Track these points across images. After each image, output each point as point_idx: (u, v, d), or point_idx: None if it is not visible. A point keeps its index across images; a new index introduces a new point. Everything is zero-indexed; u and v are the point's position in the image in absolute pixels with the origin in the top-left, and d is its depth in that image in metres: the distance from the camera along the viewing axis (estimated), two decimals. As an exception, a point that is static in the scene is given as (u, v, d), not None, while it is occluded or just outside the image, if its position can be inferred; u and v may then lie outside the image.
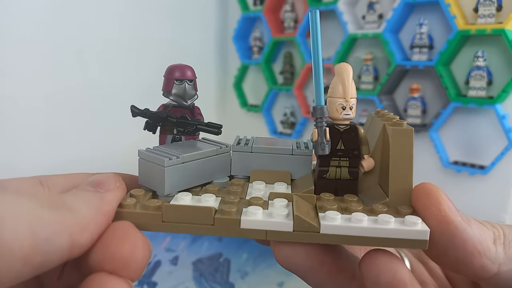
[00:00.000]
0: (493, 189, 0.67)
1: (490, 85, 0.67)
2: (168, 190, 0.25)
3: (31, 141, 0.73)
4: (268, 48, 0.95)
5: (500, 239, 0.23)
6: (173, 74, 0.30)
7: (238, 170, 0.29)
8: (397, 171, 0.24)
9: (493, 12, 0.64)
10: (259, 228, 0.23)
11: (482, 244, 0.22)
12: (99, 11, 0.79)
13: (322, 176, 0.27)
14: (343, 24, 0.81)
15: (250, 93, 1.07)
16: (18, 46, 0.69)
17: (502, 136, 0.66)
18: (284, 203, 0.24)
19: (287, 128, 0.97)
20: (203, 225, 0.23)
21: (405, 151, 0.24)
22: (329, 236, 0.22)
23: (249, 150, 0.29)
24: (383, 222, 0.22)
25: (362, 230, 0.22)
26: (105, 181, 0.23)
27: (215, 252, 0.73)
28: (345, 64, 0.26)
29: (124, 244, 0.21)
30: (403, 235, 0.22)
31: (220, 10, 1.05)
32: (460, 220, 0.22)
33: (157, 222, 0.23)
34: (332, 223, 0.22)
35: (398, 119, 0.26)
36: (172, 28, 0.93)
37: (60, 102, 0.76)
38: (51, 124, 0.75)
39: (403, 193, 0.24)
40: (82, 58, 0.78)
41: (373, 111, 0.31)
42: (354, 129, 0.26)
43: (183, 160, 0.26)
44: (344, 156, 0.26)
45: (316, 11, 0.24)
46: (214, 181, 0.28)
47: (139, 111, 0.30)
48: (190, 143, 0.29)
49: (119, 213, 0.23)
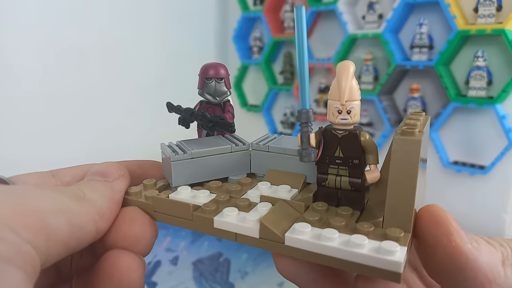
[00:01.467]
0: (493, 189, 0.67)
1: (490, 85, 0.67)
2: (176, 183, 0.27)
3: (32, 142, 0.73)
4: (268, 48, 0.95)
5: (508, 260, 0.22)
6: (204, 72, 0.32)
7: (258, 169, 0.30)
8: (396, 187, 0.20)
9: (493, 12, 0.64)
10: (229, 230, 0.23)
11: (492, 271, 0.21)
12: (99, 11, 0.79)
13: (321, 184, 0.25)
14: (343, 24, 0.81)
15: (250, 93, 1.07)
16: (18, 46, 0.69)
17: (502, 136, 0.66)
18: (266, 207, 0.24)
19: (287, 128, 0.97)
20: (183, 219, 0.25)
21: (409, 165, 0.20)
22: (294, 250, 0.21)
23: (266, 149, 0.29)
24: (354, 245, 0.19)
25: (329, 250, 0.20)
26: (111, 171, 0.25)
27: (215, 252, 0.73)
28: (345, 63, 0.23)
29: (134, 225, 0.24)
30: (373, 262, 0.19)
31: (220, 10, 1.05)
32: (471, 249, 0.21)
33: (150, 211, 0.26)
34: (297, 236, 0.21)
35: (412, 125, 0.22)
36: (172, 28, 0.93)
37: (60, 102, 0.76)
38: (51, 124, 0.75)
39: (402, 213, 0.21)
40: (82, 58, 0.78)
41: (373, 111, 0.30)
42: (353, 136, 0.23)
43: (191, 156, 0.27)
44: (342, 164, 0.24)
45: (302, 7, 0.22)
46: (230, 177, 0.29)
47: (173, 107, 0.32)
48: (212, 139, 0.31)
49: (125, 199, 0.26)
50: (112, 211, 0.24)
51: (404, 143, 0.20)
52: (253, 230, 0.22)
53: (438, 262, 0.21)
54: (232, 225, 0.23)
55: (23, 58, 0.70)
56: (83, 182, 0.24)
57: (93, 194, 0.23)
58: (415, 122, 0.23)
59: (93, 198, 0.23)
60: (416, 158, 0.20)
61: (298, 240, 0.21)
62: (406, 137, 0.21)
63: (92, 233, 0.22)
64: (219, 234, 0.23)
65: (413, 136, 0.21)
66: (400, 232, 0.20)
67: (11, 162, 0.70)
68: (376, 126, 0.82)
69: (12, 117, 0.70)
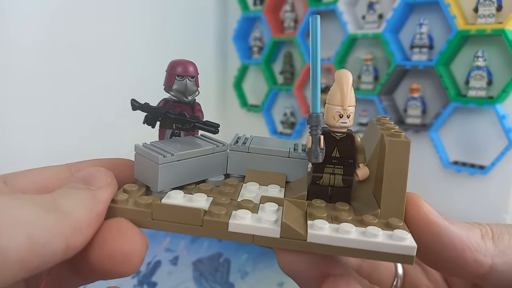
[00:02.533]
0: (493, 189, 0.67)
1: (490, 85, 0.67)
2: (161, 187, 0.25)
3: (32, 142, 0.73)
4: (268, 48, 0.95)
5: (488, 235, 0.23)
6: (175, 69, 0.30)
7: (234, 169, 0.29)
8: (391, 183, 0.23)
9: (493, 12, 0.64)
10: (246, 232, 0.23)
11: (470, 239, 0.22)
12: (98, 11, 0.79)
13: (316, 182, 0.26)
14: (343, 24, 0.81)
15: (250, 93, 1.07)
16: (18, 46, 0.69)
17: (502, 136, 0.66)
18: (274, 208, 0.24)
19: (287, 128, 0.97)
20: (191, 225, 0.23)
21: (401, 163, 0.23)
22: (315, 245, 0.22)
23: (246, 150, 0.29)
24: (371, 235, 0.22)
25: (349, 242, 0.22)
26: (97, 177, 0.22)
27: (215, 252, 0.73)
28: (345, 71, 0.25)
29: (121, 240, 0.21)
30: (390, 249, 0.21)
31: (220, 10, 1.05)
32: (443, 219, 0.23)
33: (146, 219, 0.23)
34: (319, 232, 0.22)
35: (397, 130, 0.25)
36: (172, 28, 0.93)
37: (60, 102, 0.76)
38: (52, 124, 0.75)
39: (396, 205, 0.23)
40: (82, 58, 0.78)
41: (373, 111, 0.31)
42: (350, 138, 0.26)
43: (178, 158, 0.26)
44: (338, 164, 0.26)
45: (317, 17, 0.24)
46: (209, 179, 0.28)
47: (139, 105, 0.30)
48: (188, 139, 0.29)
49: (111, 208, 0.23)
50: (90, 224, 0.20)
51: (397, 144, 0.24)
52: (274, 231, 0.22)
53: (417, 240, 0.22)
54: (249, 227, 0.23)
55: (23, 58, 0.70)
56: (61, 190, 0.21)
57: (69, 204, 0.20)
58: (393, 125, 0.26)
59: (68, 209, 0.20)
60: (407, 156, 0.23)
61: (320, 236, 0.22)
62: (398, 139, 0.24)
63: (60, 251, 0.19)
64: (233, 238, 0.23)
65: (403, 138, 0.24)
66: (400, 221, 0.23)
67: (11, 160, 0.70)
68: (376, 126, 0.82)
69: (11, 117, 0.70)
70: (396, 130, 0.25)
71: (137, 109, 0.30)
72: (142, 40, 0.87)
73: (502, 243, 0.23)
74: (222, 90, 1.09)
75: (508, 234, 0.23)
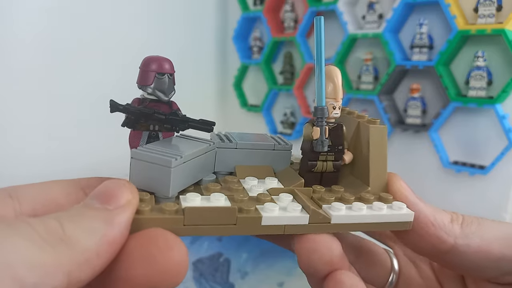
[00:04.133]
0: (493, 189, 0.67)
1: (490, 85, 0.67)
2: (172, 192, 0.24)
3: (31, 142, 0.73)
4: (268, 48, 0.95)
5: (458, 220, 0.25)
6: (156, 66, 0.28)
7: (222, 166, 0.30)
8: (376, 163, 0.27)
9: (493, 12, 0.64)
10: (278, 224, 0.24)
11: (436, 218, 0.25)
12: (98, 11, 0.79)
13: (311, 170, 0.29)
14: (343, 24, 0.81)
15: (250, 93, 1.07)
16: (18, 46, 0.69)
17: (502, 136, 0.66)
18: (290, 197, 0.26)
19: (287, 128, 0.97)
20: (226, 225, 0.23)
21: (382, 146, 0.27)
22: (338, 226, 0.25)
23: (234, 146, 0.29)
24: (378, 209, 0.26)
25: (363, 218, 0.25)
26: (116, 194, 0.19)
27: (215, 252, 0.73)
28: (334, 67, 0.29)
29: (172, 252, 0.19)
30: (393, 218, 0.26)
31: (220, 10, 1.05)
32: (414, 197, 0.26)
33: (178, 226, 0.22)
34: (339, 213, 0.25)
35: (371, 118, 0.29)
36: (172, 28, 0.93)
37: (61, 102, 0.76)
38: (52, 124, 0.75)
39: (381, 182, 0.28)
40: (81, 58, 0.78)
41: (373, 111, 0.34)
42: (340, 127, 0.29)
43: (184, 160, 0.25)
44: (330, 151, 0.29)
45: (321, 18, 0.26)
46: (203, 179, 0.28)
47: (122, 106, 0.28)
48: (175, 140, 0.28)
49: (136, 220, 0.20)
50: (100, 255, 0.17)
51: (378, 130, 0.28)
52: (303, 218, 0.24)
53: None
54: (280, 219, 0.24)
55: (23, 58, 0.70)
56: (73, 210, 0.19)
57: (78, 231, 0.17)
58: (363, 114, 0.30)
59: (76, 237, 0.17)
60: (385, 140, 0.28)
61: (341, 216, 0.25)
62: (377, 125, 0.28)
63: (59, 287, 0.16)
64: (266, 231, 0.24)
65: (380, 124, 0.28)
66: (389, 195, 0.27)
67: (10, 161, 0.70)
68: (376, 126, 0.82)
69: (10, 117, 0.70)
70: (371, 118, 0.29)
71: (118, 110, 0.28)
72: (142, 40, 0.87)
73: (468, 228, 0.25)
74: (222, 90, 1.09)
75: (478, 223, 0.25)
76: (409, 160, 0.77)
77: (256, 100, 1.06)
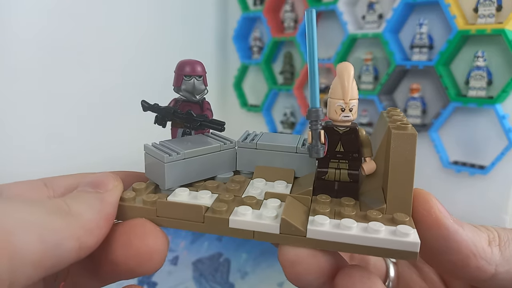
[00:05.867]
0: (493, 189, 0.67)
1: (490, 85, 0.67)
2: (168, 185, 0.26)
3: (31, 141, 0.73)
4: (268, 48, 0.95)
5: (495, 241, 0.23)
6: (182, 69, 0.30)
7: (243, 166, 0.30)
8: (396, 177, 0.23)
9: (493, 12, 0.64)
10: (247, 229, 0.23)
11: (476, 245, 0.22)
12: (98, 11, 0.79)
13: (321, 178, 0.26)
14: (343, 24, 0.81)
15: (250, 93, 1.07)
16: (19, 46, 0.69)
17: (502, 136, 0.66)
18: (276, 203, 0.24)
19: (287, 128, 0.97)
20: (194, 222, 0.24)
21: (407, 156, 0.23)
22: (315, 241, 0.22)
23: (254, 146, 0.29)
24: (373, 231, 0.21)
25: (351, 238, 0.21)
26: (104, 181, 0.23)
27: (215, 252, 0.73)
28: (346, 64, 0.25)
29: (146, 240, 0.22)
30: (392, 245, 0.21)
31: (220, 10, 1.05)
32: (452, 223, 0.22)
33: (152, 216, 0.24)
34: (319, 228, 0.22)
35: (404, 122, 0.24)
36: (172, 28, 0.93)
37: (61, 102, 0.76)
38: (52, 124, 0.75)
39: (402, 200, 0.23)
40: (81, 58, 0.78)
41: (373, 111, 0.31)
42: (354, 131, 0.25)
43: (184, 156, 0.26)
44: (343, 158, 0.26)
45: (312, 10, 0.23)
46: (218, 176, 0.29)
47: (149, 105, 0.31)
48: (197, 138, 0.30)
49: (120, 206, 0.24)
50: (100, 226, 0.21)
51: (403, 137, 0.23)
52: (273, 227, 0.23)
53: (423, 238, 0.21)
54: (250, 224, 0.23)
55: (23, 58, 0.70)
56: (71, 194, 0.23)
57: (79, 207, 0.21)
58: (402, 117, 0.25)
59: (79, 211, 0.21)
60: (413, 150, 0.23)
61: (321, 232, 0.22)
62: (403, 131, 0.23)
63: (73, 251, 0.20)
64: (234, 234, 0.23)
65: (409, 131, 0.23)
66: (406, 216, 0.22)
67: (11, 161, 0.70)
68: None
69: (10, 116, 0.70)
70: (403, 122, 0.24)
71: (147, 109, 0.31)
72: (142, 40, 0.87)
73: (508, 251, 0.23)
74: (222, 90, 1.09)
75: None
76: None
77: (256, 100, 1.06)
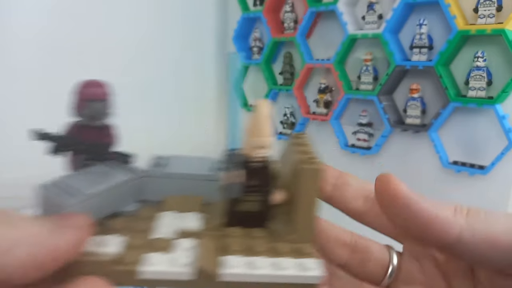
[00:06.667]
0: (493, 189, 0.67)
1: (490, 85, 0.67)
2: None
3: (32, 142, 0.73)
4: (268, 48, 0.95)
5: (462, 212, 0.24)
6: (83, 93, 0.28)
7: (152, 196, 0.28)
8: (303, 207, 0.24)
9: (493, 12, 0.64)
10: (157, 278, 0.22)
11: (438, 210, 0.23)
12: (98, 11, 0.79)
13: (233, 210, 0.26)
14: (343, 25, 0.81)
15: (250, 93, 1.07)
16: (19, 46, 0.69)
17: (502, 136, 0.66)
18: (188, 244, 0.23)
19: (287, 128, 0.97)
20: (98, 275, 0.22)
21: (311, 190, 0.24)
22: (229, 284, 0.22)
23: (161, 175, 0.27)
24: (282, 268, 0.22)
25: (262, 277, 0.22)
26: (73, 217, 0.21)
27: None
28: (261, 102, 0.25)
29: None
30: (298, 280, 0.22)
31: (220, 10, 1.05)
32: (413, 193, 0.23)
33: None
34: (232, 271, 0.22)
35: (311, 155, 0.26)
36: (172, 28, 0.93)
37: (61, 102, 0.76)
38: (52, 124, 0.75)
39: (308, 230, 0.25)
40: (81, 58, 0.78)
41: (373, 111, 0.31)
42: (266, 167, 0.26)
43: (88, 197, 0.24)
44: (256, 191, 0.26)
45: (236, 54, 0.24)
46: (124, 209, 0.27)
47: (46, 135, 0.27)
48: (101, 169, 0.27)
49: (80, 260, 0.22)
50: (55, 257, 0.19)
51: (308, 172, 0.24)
52: (186, 274, 0.22)
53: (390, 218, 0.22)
54: (159, 273, 0.22)
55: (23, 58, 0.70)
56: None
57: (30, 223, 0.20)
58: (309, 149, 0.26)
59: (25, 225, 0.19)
60: (317, 184, 0.24)
61: (234, 274, 0.22)
62: (311, 166, 0.24)
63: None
64: (144, 284, 0.22)
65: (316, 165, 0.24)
66: (310, 247, 0.24)
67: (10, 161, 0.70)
68: (375, 126, 0.82)
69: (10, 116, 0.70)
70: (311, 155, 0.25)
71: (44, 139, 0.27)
72: (142, 40, 0.87)
73: (474, 218, 0.24)
74: (222, 91, 1.09)
75: (485, 213, 0.24)
76: (408, 160, 0.77)
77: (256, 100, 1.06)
